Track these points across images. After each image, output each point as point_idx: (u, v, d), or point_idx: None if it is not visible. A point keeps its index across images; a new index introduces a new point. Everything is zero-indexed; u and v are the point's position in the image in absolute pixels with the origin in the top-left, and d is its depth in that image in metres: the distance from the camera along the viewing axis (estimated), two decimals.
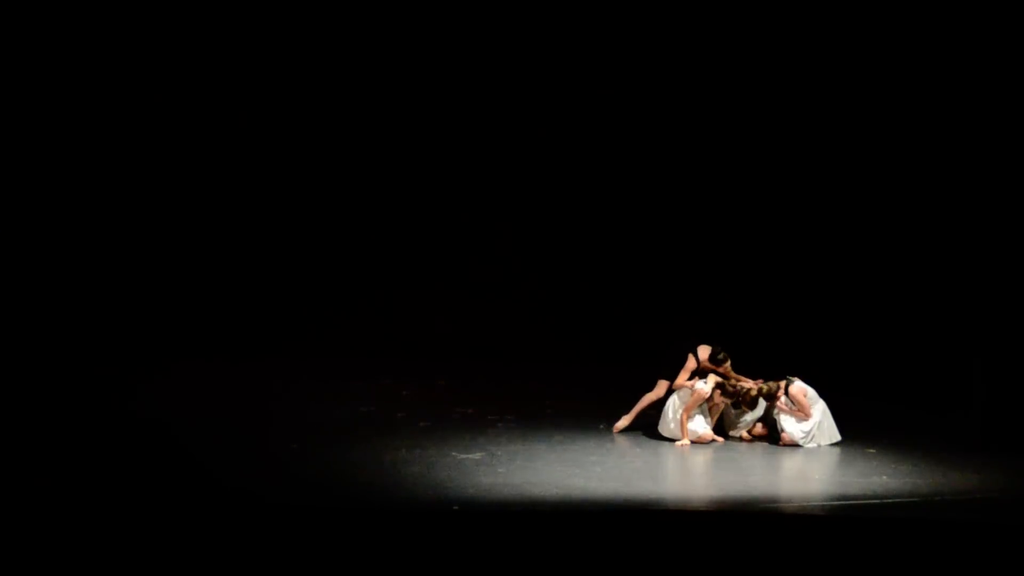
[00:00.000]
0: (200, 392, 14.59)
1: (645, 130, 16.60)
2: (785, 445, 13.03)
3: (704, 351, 13.35)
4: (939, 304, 15.79)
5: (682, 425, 13.13)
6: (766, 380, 13.27)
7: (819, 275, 16.77)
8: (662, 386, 13.50)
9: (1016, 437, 12.55)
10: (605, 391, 14.92)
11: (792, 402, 13.03)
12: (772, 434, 13.34)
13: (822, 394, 13.15)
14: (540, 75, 16.31)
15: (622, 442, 13.19)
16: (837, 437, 13.10)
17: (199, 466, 11.73)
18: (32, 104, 15.43)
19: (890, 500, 10.56)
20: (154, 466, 11.65)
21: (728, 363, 13.36)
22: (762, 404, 13.36)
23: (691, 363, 13.35)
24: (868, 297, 16.68)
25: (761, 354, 14.65)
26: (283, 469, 11.74)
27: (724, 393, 13.06)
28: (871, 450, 12.75)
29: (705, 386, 13.13)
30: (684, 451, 12.92)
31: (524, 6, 16.00)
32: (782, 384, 13.13)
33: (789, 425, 13.05)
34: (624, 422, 13.56)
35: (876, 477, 11.49)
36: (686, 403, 13.12)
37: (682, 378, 13.27)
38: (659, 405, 13.42)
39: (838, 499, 10.90)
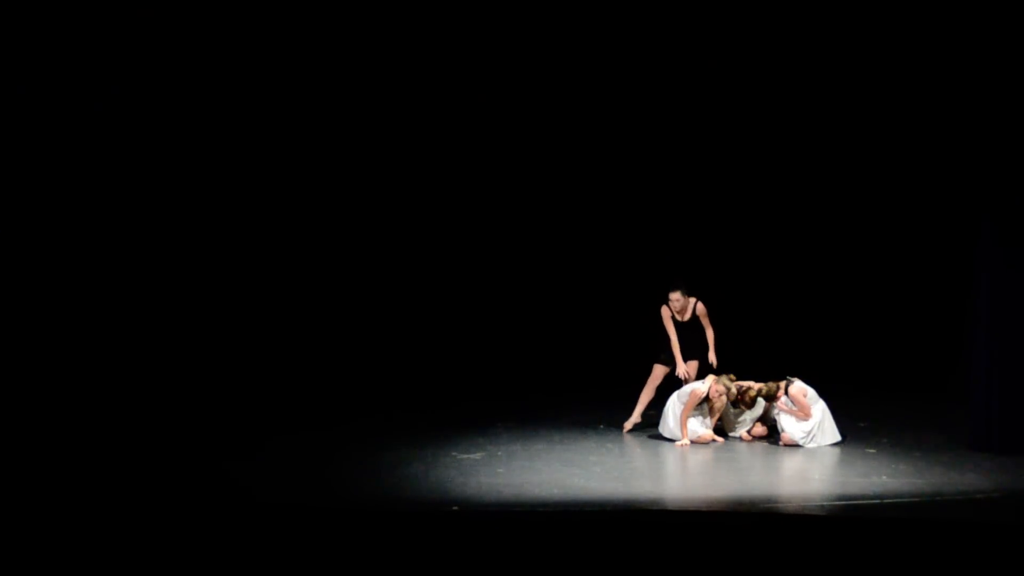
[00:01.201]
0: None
1: (629, 130, 16.62)
2: (785, 445, 13.04)
3: (673, 296, 13.49)
4: (936, 296, 15.85)
5: (682, 425, 13.14)
6: (766, 380, 13.31)
7: (813, 272, 16.80)
8: (659, 370, 13.56)
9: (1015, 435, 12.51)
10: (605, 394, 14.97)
11: (792, 402, 13.04)
12: (772, 434, 13.35)
13: (822, 394, 13.16)
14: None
15: (622, 442, 13.20)
16: (837, 437, 13.11)
17: (198, 465, 11.75)
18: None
19: (890, 500, 10.56)
20: (154, 463, 11.67)
21: (683, 296, 13.45)
22: (761, 404, 13.39)
23: (666, 313, 13.51)
24: (863, 291, 16.73)
25: (761, 354, 14.69)
26: (282, 469, 11.75)
27: (718, 381, 13.09)
28: (871, 450, 12.75)
29: (702, 385, 13.16)
30: (684, 451, 12.93)
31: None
32: (782, 384, 13.15)
33: (789, 425, 13.06)
34: (632, 421, 13.58)
35: (876, 477, 11.49)
36: (685, 403, 13.13)
37: (673, 338, 13.36)
38: (661, 402, 13.46)
39: (838, 499, 10.90)
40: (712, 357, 13.48)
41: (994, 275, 12.56)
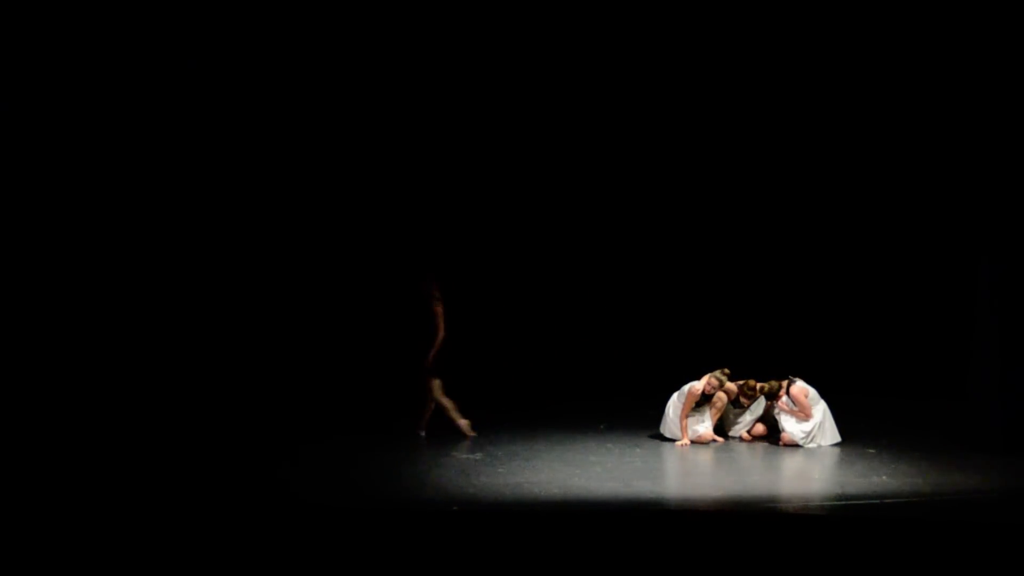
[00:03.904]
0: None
1: (629, 129, 16.62)
2: (785, 445, 13.04)
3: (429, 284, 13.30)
4: (936, 296, 15.86)
5: (682, 425, 13.14)
6: (768, 379, 13.31)
7: (815, 273, 16.80)
8: (435, 384, 13.31)
9: (1016, 434, 12.53)
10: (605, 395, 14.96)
11: (793, 402, 13.04)
12: (772, 434, 13.35)
13: (823, 395, 13.16)
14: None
15: (622, 442, 13.19)
16: (837, 438, 13.11)
17: (200, 466, 11.75)
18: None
19: (890, 500, 10.56)
20: (156, 465, 11.68)
21: (434, 288, 13.24)
22: (762, 404, 13.39)
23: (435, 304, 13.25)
24: (864, 292, 16.73)
25: (763, 354, 14.69)
26: (283, 469, 11.75)
27: (712, 376, 13.10)
28: (871, 450, 12.75)
29: (697, 384, 13.16)
30: (684, 451, 12.92)
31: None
32: (784, 383, 13.14)
33: (790, 425, 13.06)
34: (462, 425, 13.37)
35: (876, 477, 11.49)
36: (683, 403, 13.13)
37: (439, 313, 13.18)
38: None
39: (838, 499, 10.90)
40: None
41: (997, 276, 12.61)
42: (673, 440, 13.18)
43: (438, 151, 16.31)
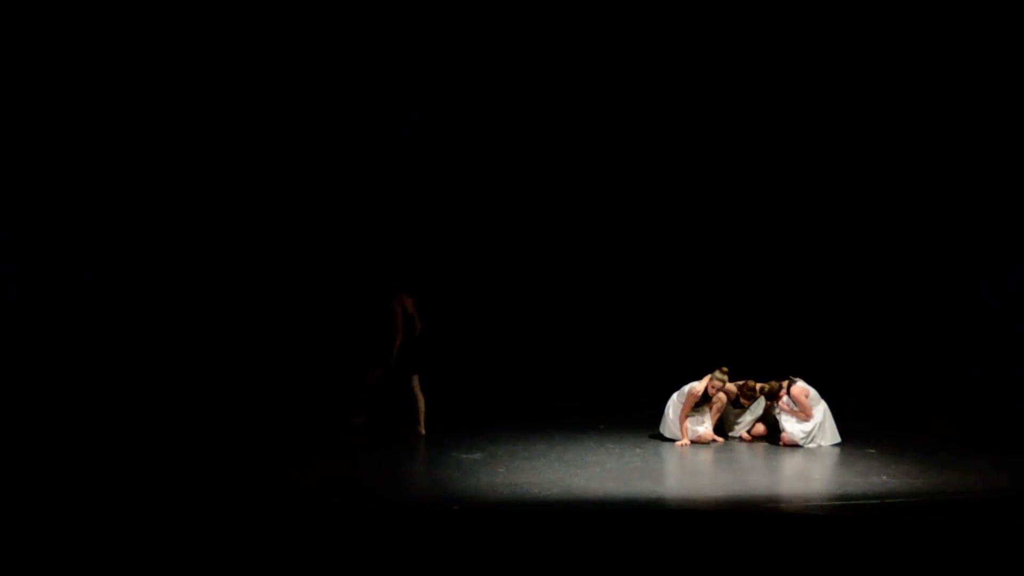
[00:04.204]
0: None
1: (633, 127, 16.62)
2: (785, 445, 13.05)
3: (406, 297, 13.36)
4: (938, 296, 15.86)
5: (682, 425, 13.15)
6: (767, 380, 13.32)
7: (816, 274, 16.81)
8: (372, 373, 13.42)
9: (1016, 434, 12.55)
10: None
11: (794, 402, 13.04)
12: (772, 434, 13.36)
13: (824, 396, 13.17)
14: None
15: (622, 442, 13.20)
16: (838, 438, 13.12)
17: (200, 467, 11.75)
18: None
19: (890, 500, 10.57)
20: (161, 467, 11.69)
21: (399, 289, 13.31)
22: (762, 404, 13.39)
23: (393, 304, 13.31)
24: (866, 294, 16.73)
25: (763, 355, 14.69)
26: (284, 469, 11.75)
27: (712, 377, 13.10)
28: (871, 450, 12.76)
29: (697, 385, 13.16)
30: (684, 451, 12.93)
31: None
32: (784, 384, 13.15)
33: (790, 425, 13.06)
34: (355, 421, 13.45)
35: (876, 477, 11.50)
36: (684, 403, 13.14)
37: (398, 313, 13.26)
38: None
39: (838, 499, 10.91)
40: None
41: (994, 283, 12.69)
42: (673, 440, 13.18)
43: (440, 151, 16.31)
